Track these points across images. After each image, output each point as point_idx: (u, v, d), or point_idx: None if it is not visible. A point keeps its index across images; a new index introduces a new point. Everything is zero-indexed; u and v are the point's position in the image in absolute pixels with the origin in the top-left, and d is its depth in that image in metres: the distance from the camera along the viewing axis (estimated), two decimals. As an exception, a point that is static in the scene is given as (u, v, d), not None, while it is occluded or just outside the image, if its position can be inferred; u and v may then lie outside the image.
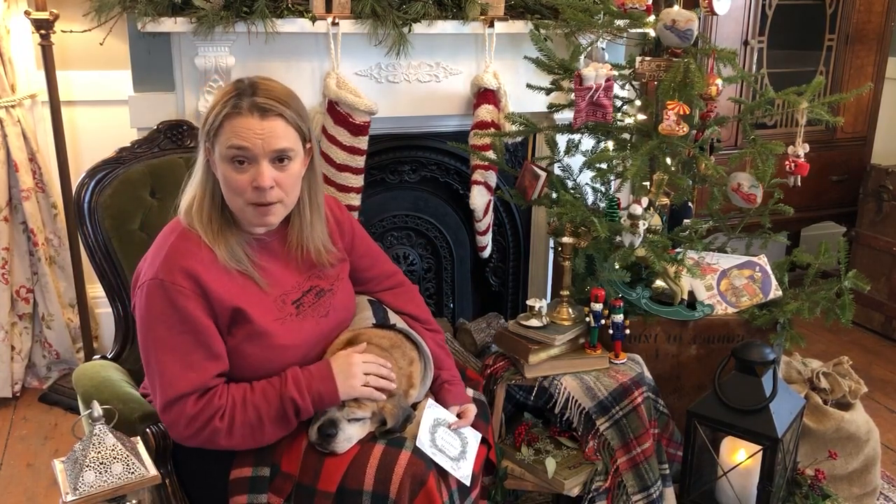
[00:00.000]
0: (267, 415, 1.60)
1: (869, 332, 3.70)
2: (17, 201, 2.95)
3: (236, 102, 1.57)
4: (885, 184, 3.57)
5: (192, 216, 1.65)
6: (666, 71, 2.21)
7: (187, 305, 1.58)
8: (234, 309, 1.62)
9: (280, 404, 1.60)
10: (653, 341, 2.29)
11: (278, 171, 1.60)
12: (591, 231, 2.13)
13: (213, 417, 1.57)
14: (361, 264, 1.93)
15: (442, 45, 2.58)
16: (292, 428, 1.64)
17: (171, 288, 1.57)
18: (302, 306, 1.73)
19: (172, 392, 1.57)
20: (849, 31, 3.50)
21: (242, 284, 1.65)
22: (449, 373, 1.90)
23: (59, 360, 3.13)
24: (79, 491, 1.41)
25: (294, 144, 1.62)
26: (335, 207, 1.90)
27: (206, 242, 1.62)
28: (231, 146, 1.57)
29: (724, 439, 2.07)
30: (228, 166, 1.59)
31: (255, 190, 1.59)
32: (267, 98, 1.58)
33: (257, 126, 1.57)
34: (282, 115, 1.59)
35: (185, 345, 1.58)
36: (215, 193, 1.65)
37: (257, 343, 1.64)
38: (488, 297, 3.09)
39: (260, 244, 1.71)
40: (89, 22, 2.26)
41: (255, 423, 1.59)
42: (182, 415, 1.57)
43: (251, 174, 1.58)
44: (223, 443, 1.59)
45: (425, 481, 1.59)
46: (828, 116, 2.20)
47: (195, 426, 1.57)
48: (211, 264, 1.62)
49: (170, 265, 1.59)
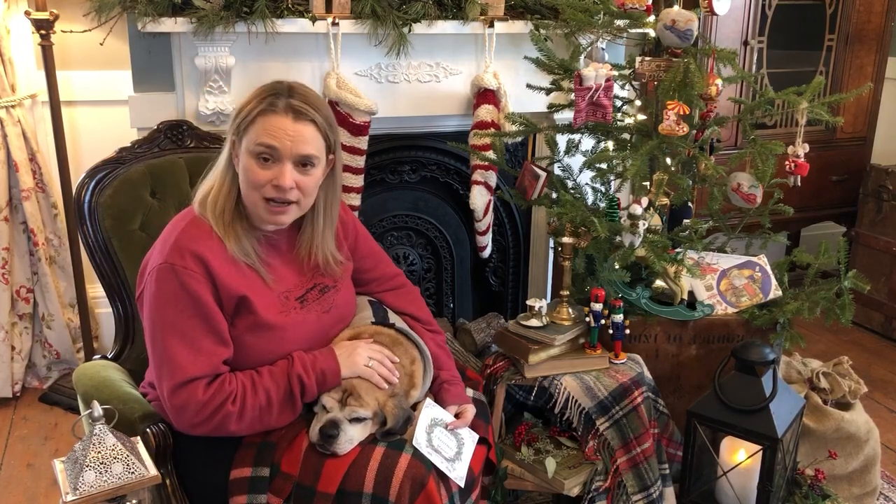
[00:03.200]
0: (276, 396, 1.62)
1: (869, 332, 3.70)
2: (18, 201, 2.95)
3: (273, 101, 1.61)
4: (885, 184, 3.57)
5: (205, 206, 1.67)
6: (666, 71, 2.21)
7: (198, 289, 1.59)
8: (239, 297, 1.63)
9: (287, 384, 1.62)
10: (653, 341, 2.29)
11: (300, 174, 1.63)
12: (591, 231, 2.13)
13: (226, 402, 1.58)
14: (364, 265, 1.94)
15: (442, 46, 2.58)
16: (298, 411, 1.66)
17: (182, 271, 1.59)
18: (306, 301, 1.75)
19: (182, 375, 1.57)
20: (849, 31, 3.50)
21: (249, 276, 1.67)
22: (449, 373, 1.90)
23: (59, 360, 3.13)
24: (79, 491, 1.41)
25: (319, 153, 1.65)
26: (340, 209, 1.90)
27: (217, 232, 1.64)
28: (260, 143, 1.60)
29: (724, 439, 2.07)
30: (253, 161, 1.62)
31: (275, 188, 1.61)
32: (303, 102, 1.62)
33: (290, 127, 1.60)
34: (314, 120, 1.63)
35: (195, 329, 1.59)
36: (232, 187, 1.67)
37: (260, 334, 1.65)
38: (488, 297, 3.09)
39: (268, 242, 1.73)
40: (89, 22, 2.26)
41: (265, 406, 1.61)
42: (192, 400, 1.57)
43: (274, 172, 1.61)
44: (233, 427, 1.60)
45: (425, 484, 1.59)
46: (828, 116, 2.20)
47: (207, 412, 1.57)
48: (219, 253, 1.63)
49: (180, 249, 1.61)
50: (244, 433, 1.64)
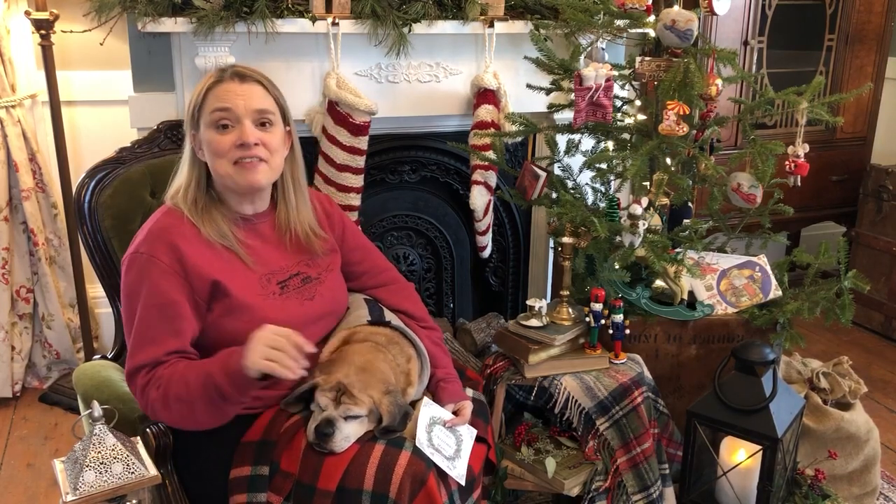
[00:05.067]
0: (194, 390, 1.54)
1: (869, 332, 3.70)
2: (18, 201, 2.95)
3: (218, 76, 1.70)
4: (885, 184, 3.57)
5: (177, 198, 1.72)
6: (666, 71, 2.21)
7: (159, 280, 1.62)
8: (212, 282, 1.65)
9: (203, 379, 1.54)
10: (653, 341, 2.29)
11: (261, 132, 1.68)
12: (591, 231, 2.13)
13: (151, 388, 1.58)
14: (353, 257, 1.95)
15: (442, 46, 2.58)
16: (225, 413, 1.58)
17: (146, 261, 1.63)
18: (287, 288, 1.76)
19: (132, 363, 1.61)
20: (849, 31, 3.50)
21: (227, 259, 1.70)
22: (445, 371, 1.90)
23: (59, 360, 3.13)
24: (79, 491, 1.41)
25: (273, 109, 1.72)
26: (324, 201, 1.96)
27: (189, 218, 1.68)
28: (214, 109, 1.66)
29: (723, 439, 2.07)
30: (213, 131, 1.67)
31: (240, 147, 1.66)
32: (245, 68, 1.72)
33: (238, 88, 1.68)
34: (260, 82, 1.72)
35: (149, 318, 1.62)
36: (201, 179, 1.73)
37: (237, 317, 1.66)
38: (488, 297, 3.09)
39: (248, 225, 1.76)
40: (89, 22, 2.26)
41: (185, 398, 1.55)
42: (136, 386, 1.61)
43: (235, 133, 1.66)
44: (163, 416, 1.60)
45: (425, 481, 1.59)
46: (828, 116, 2.20)
47: (143, 400, 1.60)
48: (193, 237, 1.67)
49: (150, 240, 1.66)
50: (178, 425, 1.61)
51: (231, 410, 1.59)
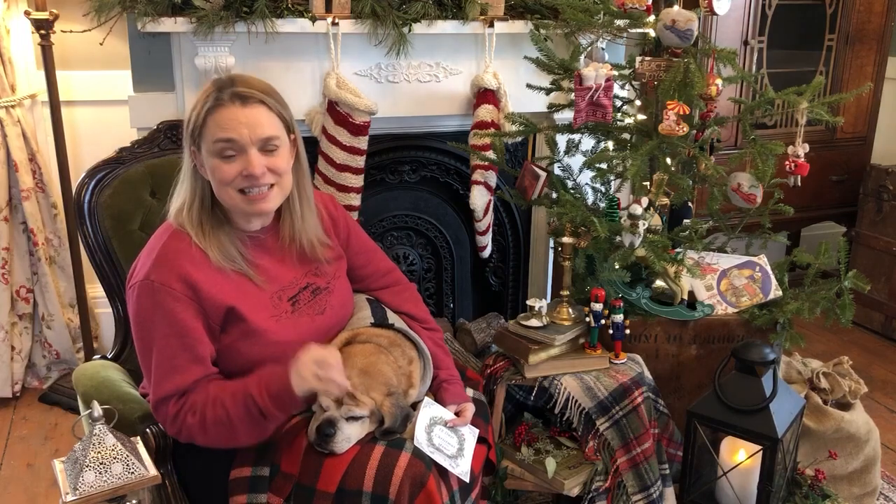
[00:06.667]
0: (234, 412, 1.57)
1: (869, 332, 3.70)
2: (17, 201, 2.95)
3: (217, 96, 1.59)
4: (885, 184, 3.57)
5: (182, 218, 1.66)
6: (666, 71, 2.21)
7: (175, 308, 1.58)
8: (227, 308, 1.62)
9: (244, 401, 1.58)
10: (653, 341, 2.29)
11: (267, 158, 1.61)
12: (591, 231, 2.13)
13: (187, 414, 1.58)
14: (358, 261, 1.93)
15: (442, 45, 2.58)
16: (266, 430, 1.61)
17: (160, 290, 1.58)
18: (298, 303, 1.74)
19: (158, 393, 1.60)
20: (849, 31, 3.50)
21: (237, 283, 1.66)
22: (447, 372, 1.90)
23: (59, 360, 3.13)
24: (79, 491, 1.41)
25: (279, 132, 1.63)
26: (329, 204, 1.90)
27: (197, 244, 1.63)
28: (217, 140, 1.58)
29: (724, 439, 2.07)
30: (217, 160, 1.59)
31: (246, 178, 1.59)
32: (246, 87, 1.60)
33: (241, 115, 1.58)
34: (263, 101, 1.61)
35: (170, 348, 1.59)
36: (205, 197, 1.66)
37: (252, 341, 1.65)
38: (488, 297, 3.09)
39: (254, 241, 1.72)
40: (89, 22, 2.26)
41: (225, 421, 1.57)
42: (166, 416, 1.60)
43: (241, 163, 1.59)
44: (200, 440, 1.60)
45: (425, 482, 1.59)
46: (828, 116, 2.20)
47: (175, 427, 1.60)
48: (202, 263, 1.62)
49: (160, 266, 1.60)
50: (217, 446, 1.62)
51: (272, 427, 1.62)
